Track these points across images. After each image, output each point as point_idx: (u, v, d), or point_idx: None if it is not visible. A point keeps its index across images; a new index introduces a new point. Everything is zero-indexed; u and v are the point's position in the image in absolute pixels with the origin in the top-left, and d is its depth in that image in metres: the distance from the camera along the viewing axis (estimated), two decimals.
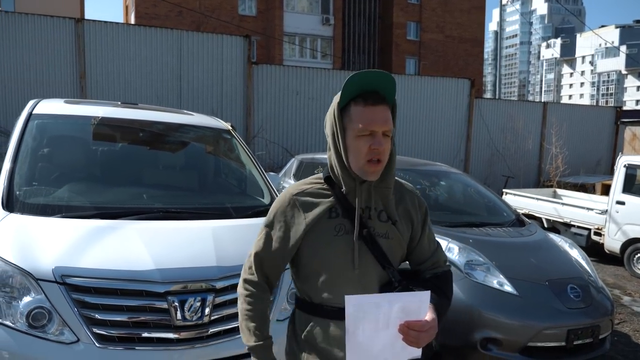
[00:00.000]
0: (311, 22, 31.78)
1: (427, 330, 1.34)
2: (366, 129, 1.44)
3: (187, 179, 3.65)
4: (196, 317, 2.34)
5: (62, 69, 9.33)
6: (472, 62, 37.34)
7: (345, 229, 1.50)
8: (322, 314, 1.50)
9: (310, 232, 1.50)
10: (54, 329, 2.20)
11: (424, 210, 1.63)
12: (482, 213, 5.20)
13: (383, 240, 1.50)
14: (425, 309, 1.35)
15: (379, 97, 1.46)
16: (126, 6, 31.93)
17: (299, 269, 1.56)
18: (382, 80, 1.45)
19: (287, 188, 1.60)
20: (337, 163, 1.51)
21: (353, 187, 1.52)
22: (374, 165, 1.46)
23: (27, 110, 3.40)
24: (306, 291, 1.54)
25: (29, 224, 2.54)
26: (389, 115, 1.48)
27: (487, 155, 13.85)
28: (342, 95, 1.48)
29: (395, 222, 1.53)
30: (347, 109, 1.49)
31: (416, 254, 1.60)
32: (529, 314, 3.61)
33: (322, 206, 1.52)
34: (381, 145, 1.45)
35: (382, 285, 1.49)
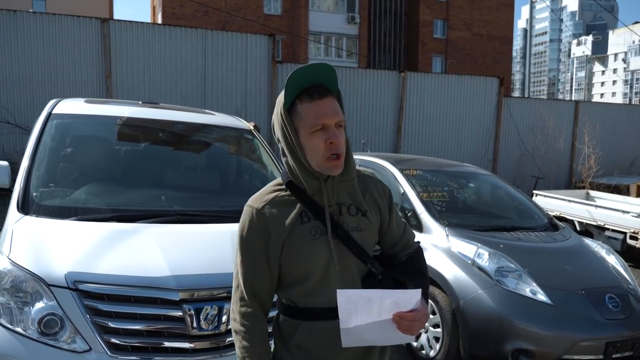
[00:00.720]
0: (336, 21, 31.64)
1: (419, 320, 1.36)
2: (318, 123, 1.41)
3: (207, 180, 3.57)
4: (212, 326, 2.24)
5: (88, 69, 9.42)
6: (500, 61, 36.64)
7: (320, 231, 1.46)
8: (310, 317, 1.46)
9: (287, 243, 1.45)
10: (66, 337, 2.13)
11: (388, 194, 1.62)
12: (513, 216, 4.98)
13: (356, 234, 1.48)
14: (416, 304, 1.37)
15: (323, 89, 1.43)
16: (153, 6, 32.34)
17: (281, 279, 1.50)
18: (322, 72, 1.42)
19: (247, 203, 1.51)
20: (296, 165, 1.46)
21: (318, 187, 1.47)
22: (334, 161, 1.42)
23: (47, 110, 3.36)
24: (290, 298, 1.50)
25: (43, 227, 2.48)
26: (337, 106, 1.45)
27: (516, 155, 13.49)
28: (286, 95, 1.43)
29: (365, 212, 1.51)
30: (294, 109, 1.44)
31: (387, 238, 1.59)
32: (564, 324, 3.42)
33: (292, 214, 1.46)
34: (337, 137, 1.41)
35: (364, 278, 1.49)
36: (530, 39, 20.33)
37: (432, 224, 4.22)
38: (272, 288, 1.51)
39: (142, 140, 3.56)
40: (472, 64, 35.56)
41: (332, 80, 1.44)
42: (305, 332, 1.46)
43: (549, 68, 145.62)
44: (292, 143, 1.44)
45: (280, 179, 1.55)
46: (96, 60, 9.43)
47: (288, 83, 1.39)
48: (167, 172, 3.41)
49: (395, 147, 12.23)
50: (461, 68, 34.09)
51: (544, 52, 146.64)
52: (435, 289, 3.90)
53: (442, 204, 4.55)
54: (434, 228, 4.18)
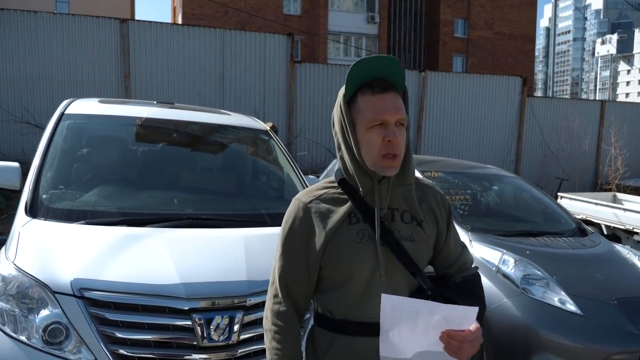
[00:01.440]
0: (356, 21, 31.47)
1: (471, 341, 1.20)
2: (377, 118, 1.32)
3: (221, 182, 3.46)
4: (223, 337, 2.13)
5: (107, 69, 9.45)
6: (522, 60, 36.03)
7: (368, 235, 1.35)
8: (347, 331, 1.34)
9: (331, 242, 1.35)
10: (71, 347, 2.04)
11: (448, 208, 1.50)
12: (539, 221, 4.79)
13: (409, 244, 1.36)
14: (471, 322, 1.21)
15: (387, 84, 1.34)
16: (174, 7, 32.59)
17: (319, 282, 1.40)
18: (388, 65, 1.33)
19: (296, 196, 1.45)
20: (350, 161, 1.37)
21: (371, 187, 1.37)
22: (390, 160, 1.32)
23: (60, 110, 3.29)
24: (327, 306, 1.38)
25: (51, 231, 2.40)
26: (400, 103, 1.35)
27: (539, 156, 13.17)
28: (347, 86, 1.35)
29: (421, 222, 1.39)
30: (354, 101, 1.36)
31: (443, 256, 1.45)
32: (595, 336, 3.23)
33: (341, 212, 1.37)
34: (395, 135, 1.31)
35: (412, 293, 1.36)
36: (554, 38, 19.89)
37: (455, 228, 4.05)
38: (309, 290, 1.41)
39: (156, 141, 3.47)
40: (494, 64, 35.04)
41: (398, 75, 1.35)
42: (341, 348, 1.34)
43: (572, 67, 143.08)
44: (348, 137, 1.36)
45: (333, 176, 1.46)
46: (115, 61, 9.45)
47: (350, 73, 1.32)
48: (181, 173, 3.32)
49: (416, 148, 12.04)
50: (482, 67, 33.61)
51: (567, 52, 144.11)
52: None
53: (465, 208, 4.38)
54: None
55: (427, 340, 1.21)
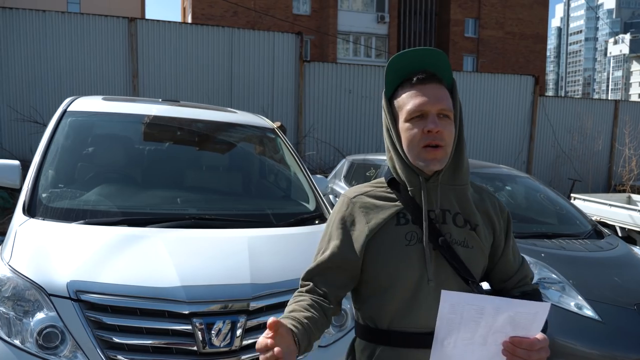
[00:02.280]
0: (366, 20, 31.35)
1: (538, 350, 1.06)
2: (416, 109, 1.24)
3: (225, 181, 3.38)
4: (225, 342, 2.04)
5: (115, 68, 9.43)
6: (534, 60, 35.71)
7: (418, 237, 1.25)
8: (392, 342, 1.23)
9: (375, 241, 1.26)
10: (67, 352, 1.95)
11: (507, 217, 1.38)
12: (553, 222, 4.64)
13: (461, 249, 1.25)
14: (540, 325, 1.05)
15: (428, 75, 1.26)
16: (184, 8, 32.66)
17: (361, 287, 1.31)
18: (428, 57, 1.26)
19: (345, 192, 1.38)
20: (396, 159, 1.30)
21: (419, 186, 1.28)
22: (432, 152, 1.22)
23: (62, 108, 3.22)
24: (369, 315, 1.28)
25: (48, 231, 2.32)
26: (443, 93, 1.26)
27: (551, 156, 12.97)
28: (387, 81, 1.30)
29: (476, 226, 1.28)
30: (396, 97, 1.31)
31: (500, 268, 1.34)
32: (614, 343, 3.10)
33: (388, 210, 1.29)
34: (436, 125, 1.22)
35: None
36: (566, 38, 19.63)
37: None
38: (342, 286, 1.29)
39: (160, 139, 3.39)
40: (505, 63, 34.74)
41: (442, 66, 1.28)
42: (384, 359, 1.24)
43: (584, 67, 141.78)
44: (392, 134, 1.30)
45: (383, 177, 1.40)
46: (123, 60, 9.42)
47: (388, 68, 1.27)
48: (184, 172, 3.24)
49: None
50: (493, 67, 33.33)
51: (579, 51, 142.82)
52: None
53: None
54: None
55: (486, 350, 1.08)
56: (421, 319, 1.20)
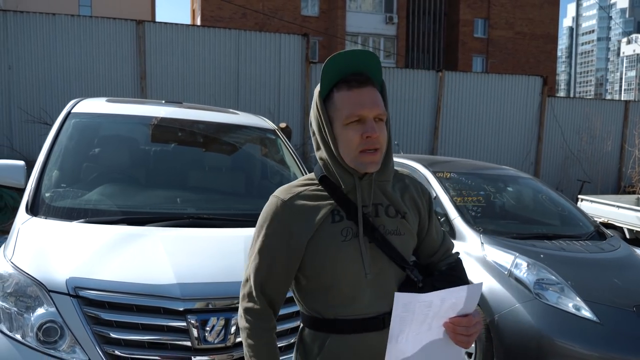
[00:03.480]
0: (374, 21, 31.37)
1: (474, 325, 1.23)
2: (354, 114, 1.28)
3: (225, 182, 3.42)
4: (219, 339, 2.08)
5: (123, 70, 9.55)
6: (544, 60, 35.48)
7: (353, 232, 1.32)
8: (339, 330, 1.31)
9: (314, 242, 1.30)
10: (65, 346, 2.01)
11: (428, 197, 1.50)
12: (555, 223, 4.65)
13: (395, 238, 1.35)
14: (475, 303, 1.22)
15: (363, 78, 1.30)
16: (193, 10, 32.89)
17: (304, 284, 1.36)
18: (363, 59, 1.30)
19: (275, 192, 1.39)
20: (329, 159, 1.34)
21: (353, 184, 1.34)
22: (370, 155, 1.29)
23: (67, 109, 3.29)
24: (314, 307, 1.35)
25: (49, 230, 2.38)
26: (379, 98, 1.31)
27: (560, 158, 12.90)
28: (322, 82, 1.31)
29: (405, 214, 1.38)
30: (330, 98, 1.33)
31: (426, 245, 1.47)
32: (612, 344, 3.10)
33: (323, 210, 1.33)
34: (375, 131, 1.27)
35: (401, 286, 1.34)
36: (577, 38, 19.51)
37: (466, 230, 3.96)
38: (285, 288, 1.37)
39: (162, 140, 3.45)
40: (515, 64, 34.57)
41: (375, 69, 1.32)
42: (334, 348, 1.31)
43: (596, 68, 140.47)
44: (326, 135, 1.32)
45: (313, 173, 1.42)
46: (131, 62, 9.54)
47: (324, 69, 1.29)
48: (185, 173, 3.29)
49: (432, 148, 11.89)
50: (503, 68, 33.17)
51: (591, 51, 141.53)
52: None
53: (478, 209, 4.27)
54: (467, 235, 3.92)
55: (432, 334, 1.21)
56: (364, 307, 1.29)
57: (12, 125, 9.00)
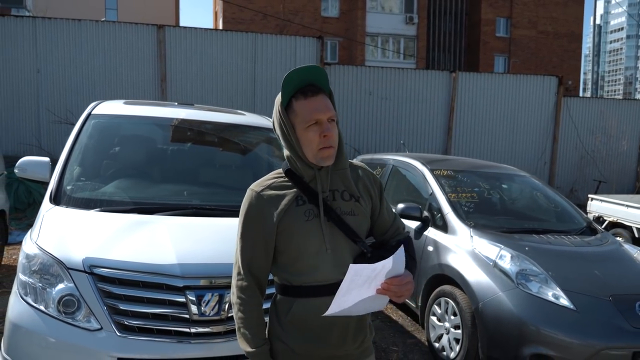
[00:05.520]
0: (394, 22, 31.44)
1: (405, 284, 1.50)
2: (312, 118, 1.56)
3: (231, 177, 3.72)
4: (213, 312, 2.38)
5: (145, 73, 9.96)
6: (568, 59, 34.98)
7: (314, 213, 1.60)
8: (304, 294, 1.59)
9: (283, 222, 1.59)
10: (81, 316, 2.33)
11: (379, 184, 1.78)
12: (548, 219, 4.83)
13: (350, 218, 1.62)
14: (402, 265, 1.50)
15: (315, 88, 1.59)
16: (215, 12, 33.49)
17: (276, 258, 1.65)
18: (313, 73, 1.58)
19: (250, 187, 1.68)
20: (294, 157, 1.62)
21: (313, 175, 1.63)
22: (327, 151, 1.58)
23: (87, 111, 3.65)
24: (285, 277, 1.63)
25: (69, 217, 2.72)
26: (329, 103, 1.60)
27: (575, 158, 12.90)
28: (283, 94, 1.60)
29: (359, 198, 1.67)
30: (290, 106, 1.61)
31: (378, 225, 1.74)
32: (587, 331, 3.30)
33: (288, 197, 1.61)
34: (329, 130, 1.57)
35: (356, 258, 1.61)
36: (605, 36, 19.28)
37: (458, 224, 4.18)
38: (268, 266, 1.64)
39: (173, 139, 3.77)
40: (538, 63, 34.21)
41: (324, 80, 1.60)
42: (299, 309, 1.59)
43: (625, 66, 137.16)
44: (290, 138, 1.60)
45: (280, 169, 1.69)
46: (152, 65, 9.95)
47: (284, 83, 1.57)
48: (193, 169, 3.59)
49: (446, 148, 12.04)
50: (526, 68, 32.89)
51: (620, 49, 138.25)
52: (456, 289, 3.87)
53: (471, 205, 4.49)
54: (459, 229, 4.15)
55: (370, 291, 1.48)
56: (324, 275, 1.57)
57: (41, 126, 9.50)
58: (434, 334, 4.09)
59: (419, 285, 4.36)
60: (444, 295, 3.99)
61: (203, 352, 2.35)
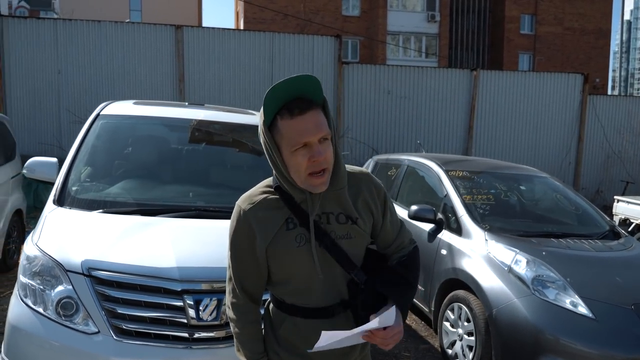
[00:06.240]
0: (416, 20, 31.15)
1: (392, 337, 1.39)
2: (299, 141, 1.34)
3: (238, 178, 3.66)
4: (211, 317, 2.33)
5: (163, 73, 10.00)
6: (596, 56, 34.16)
7: (305, 238, 1.46)
8: (295, 313, 1.51)
9: (272, 246, 1.46)
10: (79, 319, 2.31)
11: (383, 195, 1.58)
12: (568, 222, 4.66)
13: (345, 242, 1.48)
14: (393, 318, 1.39)
15: (304, 102, 1.35)
16: (237, 12, 33.67)
17: (270, 276, 1.55)
18: (302, 84, 1.34)
19: (237, 202, 1.54)
20: (281, 180, 1.45)
21: (304, 198, 1.46)
22: (319, 178, 1.38)
23: (96, 111, 3.64)
24: (278, 294, 1.55)
25: (71, 218, 2.70)
26: (321, 120, 1.37)
27: (601, 157, 12.53)
28: (265, 112, 1.37)
29: (356, 219, 1.49)
30: (275, 125, 1.38)
31: (381, 238, 1.59)
32: (606, 341, 3.15)
33: (278, 219, 1.47)
34: (321, 154, 1.36)
35: (349, 283, 1.49)
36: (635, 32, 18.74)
37: (472, 227, 4.06)
38: (261, 283, 1.55)
39: (181, 139, 3.74)
40: (564, 61, 33.49)
41: (315, 90, 1.37)
42: (290, 326, 1.52)
43: None
44: (275, 160, 1.40)
45: (271, 179, 1.53)
46: (170, 65, 9.99)
47: (266, 99, 1.34)
48: (200, 169, 3.55)
49: (466, 148, 11.82)
50: (551, 65, 32.22)
51: None
52: (470, 295, 3.75)
53: (486, 207, 4.36)
54: (473, 232, 4.02)
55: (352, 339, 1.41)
56: (316, 300, 1.48)
57: (61, 126, 9.63)
58: (447, 340, 3.98)
59: (432, 289, 4.25)
60: (458, 301, 3.87)
61: (201, 357, 2.30)
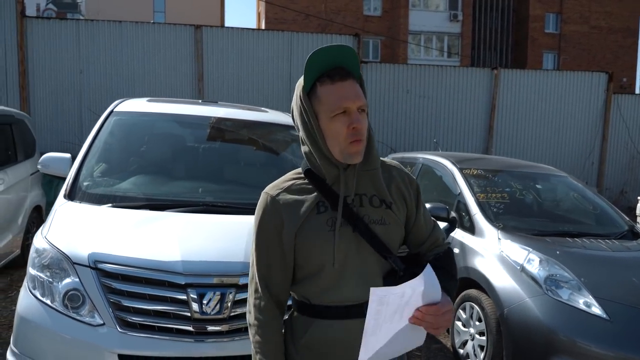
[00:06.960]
0: (438, 19, 30.89)
1: (443, 314, 1.26)
2: (340, 106, 1.33)
3: (248, 174, 3.67)
4: (215, 311, 2.34)
5: (182, 72, 10.10)
6: (623, 55, 33.38)
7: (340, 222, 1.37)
8: (324, 315, 1.38)
9: (302, 233, 1.37)
10: (85, 311, 2.34)
11: (416, 187, 1.51)
12: (584, 222, 4.55)
13: (379, 227, 1.38)
14: (438, 289, 1.26)
15: (344, 72, 1.36)
16: (258, 13, 33.87)
17: (295, 272, 1.43)
18: (343, 54, 1.35)
19: (265, 189, 1.46)
20: (315, 153, 1.38)
21: (337, 176, 1.39)
22: (356, 145, 1.34)
23: (110, 109, 3.69)
24: (303, 293, 1.41)
25: (80, 212, 2.75)
26: (359, 90, 1.37)
27: (626, 157, 12.23)
28: (306, 77, 1.36)
29: (391, 204, 1.42)
30: (314, 92, 1.37)
31: (414, 235, 1.49)
32: (620, 342, 3.07)
33: (308, 202, 1.39)
34: (359, 122, 1.33)
35: (385, 276, 1.39)
36: None
37: (486, 226, 4.00)
38: (287, 281, 1.43)
39: (193, 136, 3.77)
40: (590, 60, 32.79)
41: (354, 63, 1.37)
42: (317, 332, 1.39)
43: None
44: (312, 128, 1.36)
45: (300, 168, 1.48)
46: (190, 65, 10.09)
47: (307, 64, 1.33)
48: (212, 166, 3.57)
49: (486, 147, 11.66)
50: (577, 64, 31.57)
51: None
52: (481, 294, 3.70)
53: (500, 206, 4.29)
54: (486, 230, 3.96)
55: (403, 322, 1.25)
56: (347, 294, 1.35)
57: (83, 125, 9.80)
58: (458, 339, 3.93)
59: None
60: (469, 300, 3.82)
61: (204, 350, 2.31)
